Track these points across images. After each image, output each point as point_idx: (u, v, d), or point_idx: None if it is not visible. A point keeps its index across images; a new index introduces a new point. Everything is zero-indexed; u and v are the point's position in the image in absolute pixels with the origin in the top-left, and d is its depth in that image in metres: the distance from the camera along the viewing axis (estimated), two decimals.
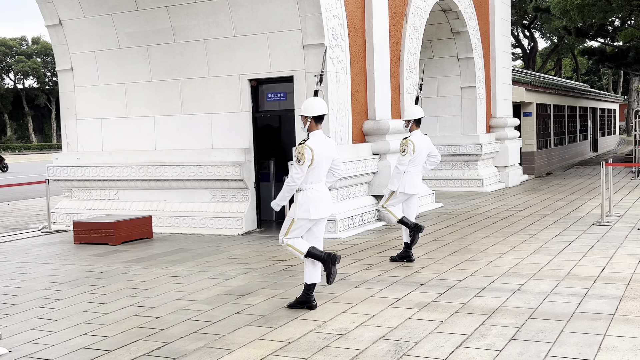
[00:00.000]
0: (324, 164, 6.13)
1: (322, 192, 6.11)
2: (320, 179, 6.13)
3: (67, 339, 5.52)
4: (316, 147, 5.99)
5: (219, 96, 11.52)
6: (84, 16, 12.40)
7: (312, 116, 6.12)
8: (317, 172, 6.05)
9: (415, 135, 8.25)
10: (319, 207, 6.04)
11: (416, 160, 8.15)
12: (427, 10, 14.62)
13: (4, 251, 10.26)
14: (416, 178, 8.17)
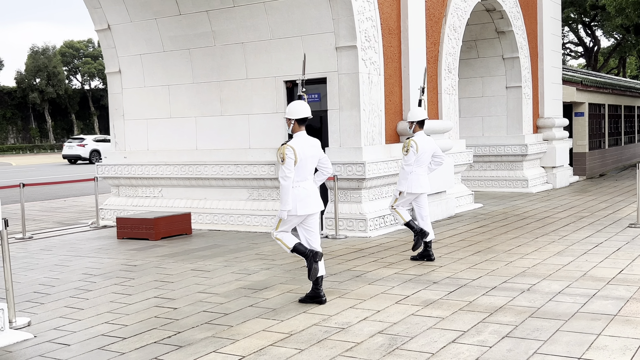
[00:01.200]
0: (309, 163, 6.38)
1: (308, 189, 6.37)
2: (306, 177, 6.38)
3: (89, 326, 5.91)
4: (298, 146, 6.27)
5: (256, 97, 11.86)
6: (130, 21, 12.95)
7: (295, 119, 6.41)
8: (302, 170, 6.31)
9: (418, 136, 8.39)
10: (307, 203, 6.32)
11: (420, 160, 8.30)
12: (468, 10, 14.60)
13: (51, 245, 10.86)
14: (422, 177, 8.34)
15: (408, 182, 8.23)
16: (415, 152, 8.20)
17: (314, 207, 6.40)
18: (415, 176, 8.27)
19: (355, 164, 10.69)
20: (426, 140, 8.41)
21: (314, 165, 6.48)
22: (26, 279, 8.15)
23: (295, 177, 6.28)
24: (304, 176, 6.35)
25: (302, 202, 6.30)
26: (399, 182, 8.36)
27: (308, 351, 4.95)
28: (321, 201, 6.56)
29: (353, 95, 10.87)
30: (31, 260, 9.47)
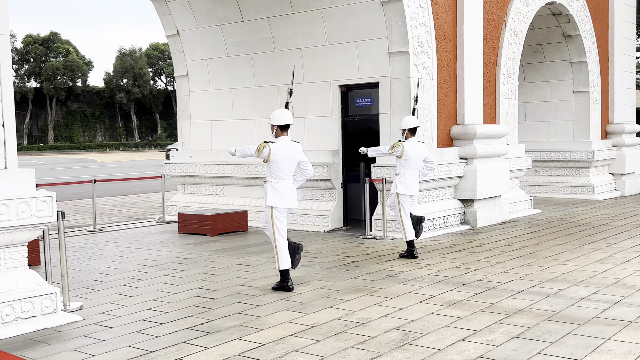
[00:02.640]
0: (287, 164, 7.18)
1: (286, 188, 7.18)
2: (284, 177, 7.20)
3: (133, 312, 6.43)
4: (276, 149, 7.12)
5: (312, 101, 12.26)
6: (197, 27, 13.61)
7: (277, 125, 7.24)
8: (280, 170, 7.15)
9: (409, 142, 8.95)
10: (286, 198, 7.16)
11: (409, 164, 8.89)
12: (530, 15, 14.50)
13: (117, 237, 11.60)
14: (410, 180, 8.90)
15: (394, 183, 8.95)
16: (399, 154, 8.86)
17: (291, 203, 7.24)
18: (403, 179, 8.89)
19: None
20: (416, 147, 8.98)
21: (292, 166, 7.26)
22: (87, 267, 8.82)
23: (273, 174, 7.16)
24: (281, 175, 7.17)
25: (283, 198, 7.13)
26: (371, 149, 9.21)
27: (323, 342, 5.28)
28: (296, 200, 7.32)
29: (404, 99, 11.09)
30: (96, 251, 10.19)
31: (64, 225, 7.09)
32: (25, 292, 5.98)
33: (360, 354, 4.96)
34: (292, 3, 12.05)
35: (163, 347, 5.29)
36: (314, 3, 11.82)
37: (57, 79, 74.88)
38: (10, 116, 6.02)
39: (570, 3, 16.09)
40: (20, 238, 6.01)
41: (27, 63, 75.47)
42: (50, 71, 74.26)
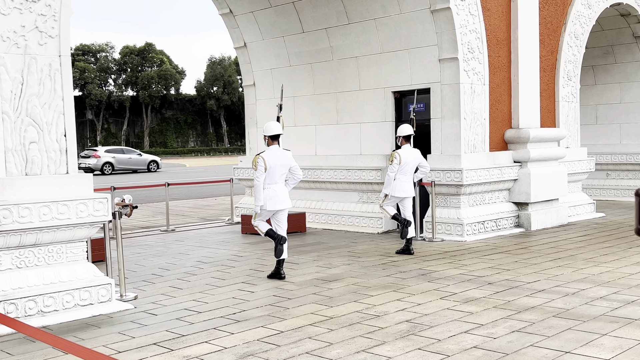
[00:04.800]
0: (278, 170, 8.09)
1: (277, 191, 8.12)
2: (276, 181, 8.13)
3: (179, 302, 7.15)
4: (269, 157, 8.02)
5: (367, 107, 12.74)
6: (262, 39, 14.37)
7: (268, 135, 8.20)
8: (272, 176, 8.06)
9: (403, 148, 9.68)
10: (275, 202, 8.10)
11: (404, 169, 9.58)
12: (593, 17, 14.38)
13: (185, 237, 12.48)
14: (405, 184, 9.62)
15: (392, 187, 9.60)
16: (398, 163, 9.54)
17: (281, 205, 8.11)
18: (398, 182, 9.62)
19: (453, 170, 11.19)
20: (411, 153, 9.70)
21: (283, 172, 8.14)
22: (151, 263, 9.67)
23: (266, 181, 8.02)
24: (273, 180, 8.08)
25: (271, 200, 8.06)
26: (384, 186, 9.76)
27: (336, 331, 5.78)
28: (289, 200, 8.18)
29: (454, 104, 11.38)
30: (163, 249, 11.07)
31: (140, 225, 7.89)
32: (83, 282, 6.80)
33: (365, 342, 5.43)
34: (348, 14, 12.59)
35: (195, 332, 5.94)
36: (368, 13, 12.31)
37: (152, 87, 78.46)
38: (71, 128, 6.86)
39: (639, 2, 15.79)
40: (79, 235, 6.84)
41: (124, 73, 79.51)
42: (146, 80, 77.89)
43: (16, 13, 6.43)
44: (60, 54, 6.75)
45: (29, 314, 6.39)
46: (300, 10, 13.22)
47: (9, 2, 6.39)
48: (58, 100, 6.73)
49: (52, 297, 6.55)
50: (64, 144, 6.78)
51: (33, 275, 6.56)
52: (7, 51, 6.40)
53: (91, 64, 77.29)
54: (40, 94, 6.60)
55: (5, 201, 6.29)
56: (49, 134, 6.68)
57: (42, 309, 6.49)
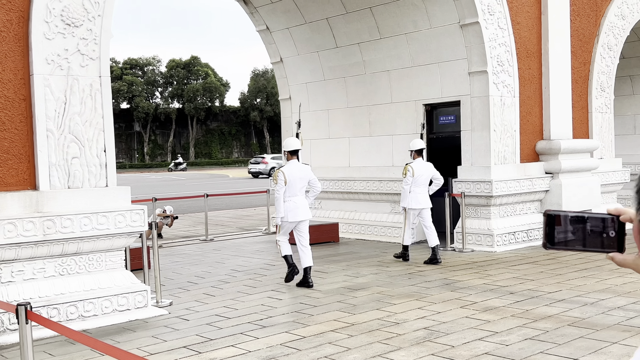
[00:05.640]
0: (298, 183, 8.52)
1: (297, 203, 8.51)
2: (296, 194, 8.54)
3: (210, 308, 7.52)
4: (288, 171, 8.49)
5: (399, 119, 12.99)
6: (297, 54, 14.78)
7: (287, 151, 8.77)
8: (292, 189, 8.49)
9: (416, 162, 10.02)
10: (296, 213, 8.52)
11: (418, 182, 9.90)
12: (627, 28, 14.36)
13: (222, 246, 12.91)
14: (420, 196, 9.97)
15: (408, 199, 9.93)
16: (412, 176, 9.89)
17: (302, 216, 8.50)
18: (413, 195, 9.93)
19: (483, 181, 11.35)
20: (423, 166, 10.06)
21: (303, 185, 8.53)
22: (187, 271, 10.09)
23: (287, 193, 8.46)
24: (294, 192, 8.51)
25: (292, 212, 8.49)
26: (401, 200, 10.13)
27: (355, 337, 6.05)
28: (309, 211, 8.51)
29: (484, 116, 11.55)
30: (200, 257, 11.51)
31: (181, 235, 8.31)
32: (121, 289, 7.23)
33: (382, 348, 5.69)
34: (380, 29, 12.89)
35: (223, 336, 6.30)
36: (399, 28, 12.59)
37: (197, 100, 79.93)
38: (111, 143, 7.32)
39: None
40: (118, 244, 7.28)
41: (170, 86, 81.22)
42: (191, 93, 79.39)
43: (60, 38, 6.93)
44: (101, 75, 7.23)
45: (70, 318, 6.84)
46: (334, 26, 13.58)
47: (54, 27, 6.89)
48: (98, 118, 7.20)
49: (92, 303, 7.00)
50: (104, 158, 7.24)
51: (74, 282, 7.02)
52: (52, 73, 6.90)
53: (138, 77, 79.20)
54: (82, 112, 7.08)
55: (49, 212, 6.77)
56: (90, 150, 7.14)
57: (83, 313, 6.93)
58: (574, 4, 13.17)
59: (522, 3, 12.15)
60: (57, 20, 6.90)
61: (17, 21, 6.74)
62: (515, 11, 11.98)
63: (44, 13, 6.81)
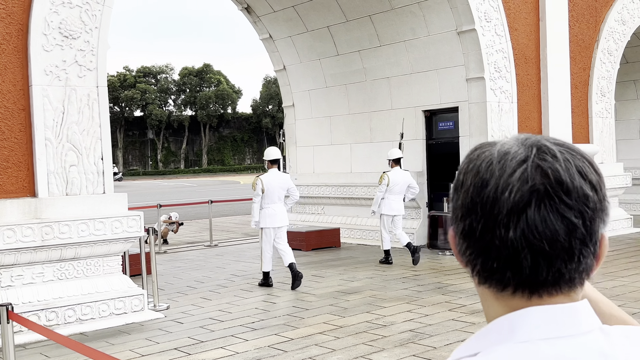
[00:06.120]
0: (276, 191, 8.88)
1: (276, 210, 8.89)
2: (275, 201, 8.91)
3: (206, 312, 7.70)
4: (267, 180, 8.86)
5: (399, 126, 13.13)
6: (300, 62, 14.98)
7: (268, 160, 8.99)
8: (270, 196, 8.88)
9: (393, 171, 10.33)
10: (274, 219, 8.71)
11: (393, 190, 10.24)
12: (628, 33, 14.43)
13: (225, 252, 13.10)
14: (394, 203, 10.32)
15: (382, 206, 10.36)
16: (386, 184, 10.25)
17: (280, 222, 8.87)
18: (387, 202, 10.33)
19: None
20: (400, 175, 10.38)
21: (281, 193, 8.87)
22: (188, 276, 10.28)
23: (266, 201, 8.86)
24: (272, 200, 8.89)
25: (271, 218, 8.87)
26: (372, 204, 10.57)
27: (342, 339, 6.21)
28: (286, 218, 8.87)
29: (481, 122, 11.68)
30: (202, 263, 11.70)
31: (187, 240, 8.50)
32: (118, 293, 7.43)
33: (366, 349, 5.84)
34: (380, 37, 13.06)
35: (214, 338, 6.47)
36: (398, 36, 12.76)
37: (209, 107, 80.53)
38: (108, 152, 7.54)
39: None
40: (115, 249, 7.49)
41: (183, 93, 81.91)
42: (204, 100, 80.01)
43: (58, 49, 7.16)
44: (98, 85, 7.45)
45: (68, 321, 7.05)
46: (335, 34, 13.77)
47: (52, 39, 7.13)
48: (96, 127, 7.42)
49: (89, 306, 7.20)
50: (101, 166, 7.46)
51: (72, 286, 7.23)
52: (50, 84, 7.13)
53: (152, 85, 79.90)
54: (80, 121, 7.31)
55: (47, 219, 6.99)
56: (87, 158, 7.36)
57: (80, 317, 7.14)
58: (572, 10, 13.27)
59: (520, 10, 12.27)
60: (55, 32, 7.13)
61: (17, 34, 6.99)
62: (513, 18, 12.11)
63: (42, 26, 7.05)
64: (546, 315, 0.87)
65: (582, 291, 0.92)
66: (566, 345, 0.86)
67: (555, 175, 0.85)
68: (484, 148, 0.92)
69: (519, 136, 0.92)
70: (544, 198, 0.84)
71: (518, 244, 0.85)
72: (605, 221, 0.90)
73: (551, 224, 0.84)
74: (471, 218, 0.88)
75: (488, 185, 0.87)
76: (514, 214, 0.84)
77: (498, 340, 0.87)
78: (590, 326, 0.89)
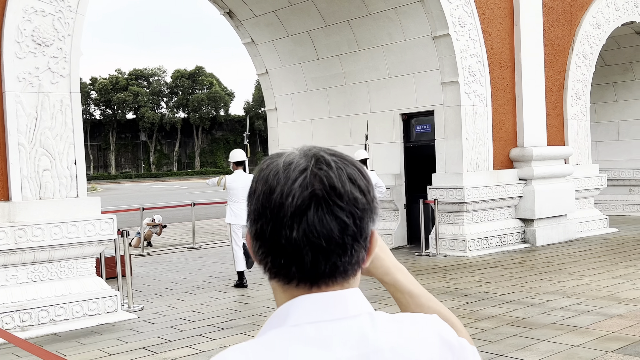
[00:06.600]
0: (240, 192, 9.29)
1: (242, 208, 9.23)
2: (239, 201, 9.31)
3: (178, 312, 7.88)
4: (230, 179, 9.43)
5: (378, 128, 13.35)
6: (282, 66, 15.18)
7: (232, 162, 9.45)
8: (236, 196, 9.25)
9: None
10: (242, 217, 9.10)
11: None
12: (603, 37, 14.67)
13: (206, 254, 13.28)
14: None
15: None
16: None
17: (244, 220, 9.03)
18: None
19: (455, 188, 11.68)
20: None
21: (244, 193, 8.96)
22: (166, 278, 10.46)
23: (232, 199, 9.35)
24: (237, 200, 9.20)
25: (238, 216, 9.30)
26: None
27: None
28: None
29: (456, 125, 11.89)
30: (182, 265, 11.88)
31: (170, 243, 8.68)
32: (91, 295, 7.61)
33: None
34: (358, 42, 13.27)
35: (182, 338, 6.66)
36: (375, 40, 12.97)
37: (202, 109, 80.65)
38: (81, 156, 7.72)
39: None
40: (88, 252, 7.67)
41: (175, 96, 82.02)
42: (196, 102, 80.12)
43: (31, 57, 7.34)
44: (71, 91, 7.63)
45: (42, 322, 7.23)
46: (315, 38, 13.98)
47: (25, 47, 7.30)
48: (69, 132, 7.60)
49: (62, 308, 7.38)
50: (74, 170, 7.64)
51: (46, 288, 7.40)
52: (23, 90, 7.31)
53: (144, 88, 79.97)
54: (53, 127, 7.48)
55: (21, 222, 7.16)
56: (61, 162, 7.54)
57: (54, 317, 7.31)
58: (547, 15, 13.51)
59: (494, 15, 12.50)
60: (28, 40, 7.31)
61: None
62: (487, 23, 12.33)
63: (15, 34, 7.23)
64: (316, 302, 1.02)
65: (355, 280, 1.09)
66: (329, 327, 1.00)
67: (330, 182, 1.00)
68: (273, 159, 1.06)
69: (304, 148, 1.08)
70: (320, 202, 0.99)
71: (300, 242, 0.99)
72: (374, 219, 1.06)
73: (327, 223, 0.99)
74: (262, 221, 1.02)
75: (274, 192, 1.00)
76: (297, 216, 0.99)
77: (276, 325, 1.02)
78: (357, 311, 1.05)
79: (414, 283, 1.38)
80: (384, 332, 1.04)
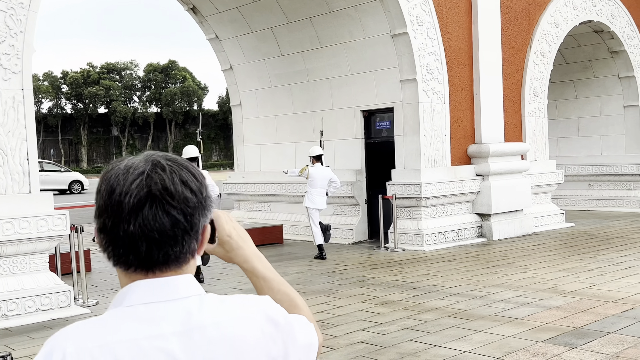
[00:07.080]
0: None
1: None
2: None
3: None
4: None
5: (340, 125, 13.52)
6: (246, 62, 15.27)
7: (186, 158, 9.39)
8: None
9: (314, 167, 10.92)
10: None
11: (314, 184, 10.85)
12: (561, 35, 14.98)
13: None
14: (316, 197, 10.92)
15: (305, 198, 11.16)
16: (305, 177, 11.05)
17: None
18: (310, 195, 10.98)
19: (413, 184, 11.90)
20: (320, 171, 11.01)
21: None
22: None
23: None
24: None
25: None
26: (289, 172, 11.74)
27: None
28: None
29: (414, 122, 12.11)
30: None
31: None
32: (44, 290, 7.67)
33: None
34: (320, 39, 13.41)
35: None
36: (337, 38, 13.12)
37: (175, 104, 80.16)
38: (34, 152, 7.77)
39: (611, 20, 16.33)
40: (41, 247, 7.72)
41: (148, 90, 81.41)
42: (169, 97, 79.62)
43: None
44: (23, 88, 7.67)
45: None
46: (278, 35, 14.09)
47: None
48: (21, 128, 7.64)
49: (15, 303, 7.44)
50: (27, 167, 7.68)
51: None
52: None
53: (116, 82, 79.28)
54: (5, 123, 7.52)
55: None
56: (13, 159, 7.58)
57: (6, 312, 7.37)
58: (506, 14, 13.77)
59: (453, 13, 12.72)
60: None
61: None
62: (445, 21, 12.55)
63: None
64: (150, 286, 1.19)
65: (188, 267, 1.24)
66: (159, 307, 1.17)
67: (163, 183, 1.18)
68: (117, 163, 1.24)
69: (147, 154, 1.25)
70: (155, 200, 1.16)
71: (136, 234, 1.16)
72: (206, 215, 1.24)
73: (160, 219, 1.16)
74: (105, 216, 1.19)
75: (115, 191, 1.18)
76: (133, 212, 1.16)
77: (114, 305, 1.20)
78: (188, 293, 1.21)
79: (269, 269, 1.55)
80: (210, 310, 1.20)
